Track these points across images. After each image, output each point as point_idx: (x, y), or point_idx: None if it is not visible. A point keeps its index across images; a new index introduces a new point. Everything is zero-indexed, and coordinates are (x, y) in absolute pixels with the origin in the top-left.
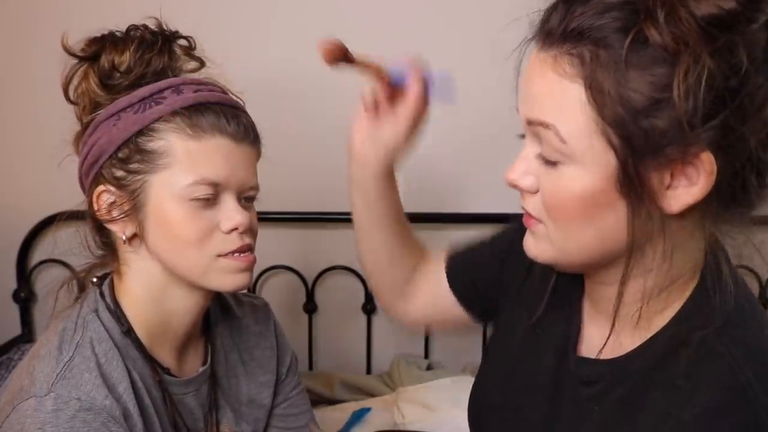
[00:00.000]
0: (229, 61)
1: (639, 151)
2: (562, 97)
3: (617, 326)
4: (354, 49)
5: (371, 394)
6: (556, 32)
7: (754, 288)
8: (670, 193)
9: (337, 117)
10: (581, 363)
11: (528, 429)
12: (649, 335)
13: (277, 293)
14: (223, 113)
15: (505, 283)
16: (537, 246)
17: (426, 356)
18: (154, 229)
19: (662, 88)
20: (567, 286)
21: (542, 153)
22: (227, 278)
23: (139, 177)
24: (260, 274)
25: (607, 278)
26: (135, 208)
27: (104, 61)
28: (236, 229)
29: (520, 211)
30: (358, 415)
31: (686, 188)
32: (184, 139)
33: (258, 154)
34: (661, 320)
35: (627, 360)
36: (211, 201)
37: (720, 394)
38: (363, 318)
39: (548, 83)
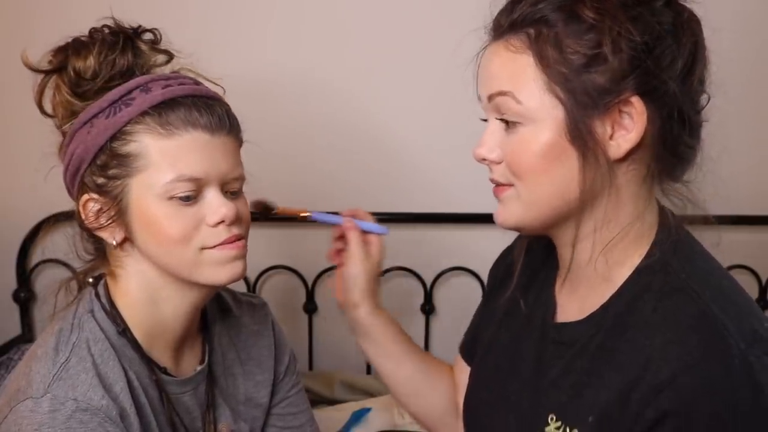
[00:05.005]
0: (230, 60)
1: (582, 103)
2: (515, 67)
3: (585, 289)
4: (345, 53)
5: (371, 394)
6: (504, 24)
7: (754, 288)
8: (613, 142)
9: (337, 117)
10: (561, 328)
11: (516, 412)
12: (615, 287)
13: (277, 293)
14: (195, 106)
15: (491, 305)
16: (505, 210)
17: None
18: (140, 231)
19: (593, 48)
20: (542, 278)
21: (503, 124)
22: (220, 270)
23: (119, 182)
24: (260, 274)
25: (570, 236)
26: (120, 213)
27: (70, 69)
28: (223, 221)
29: None
30: (358, 415)
31: (624, 136)
32: (157, 138)
33: (239, 143)
34: (625, 271)
35: (602, 311)
36: (193, 197)
37: (686, 321)
38: None
39: (502, 59)
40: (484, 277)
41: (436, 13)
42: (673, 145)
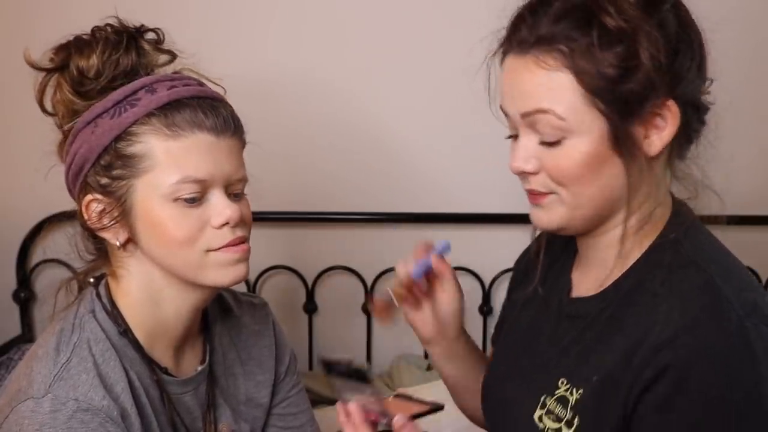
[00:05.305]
0: (231, 61)
1: (622, 112)
2: (553, 85)
3: (601, 269)
4: (346, 53)
5: None
6: (529, 40)
7: None
8: (648, 141)
9: (338, 118)
10: (575, 302)
11: (529, 382)
12: (629, 266)
13: (277, 293)
14: (200, 107)
15: (514, 299)
16: (548, 214)
17: (426, 356)
18: (144, 232)
19: (626, 59)
20: (560, 264)
21: (542, 138)
22: (224, 272)
23: (124, 182)
24: (260, 274)
25: (603, 229)
26: (124, 214)
27: (72, 68)
28: (227, 223)
29: (506, 211)
30: None
31: (658, 134)
32: (163, 139)
33: (242, 145)
34: (639, 251)
35: (614, 287)
36: (198, 199)
37: (689, 289)
38: (363, 318)
39: (537, 77)
40: (484, 277)
41: (438, 13)
42: (690, 132)
